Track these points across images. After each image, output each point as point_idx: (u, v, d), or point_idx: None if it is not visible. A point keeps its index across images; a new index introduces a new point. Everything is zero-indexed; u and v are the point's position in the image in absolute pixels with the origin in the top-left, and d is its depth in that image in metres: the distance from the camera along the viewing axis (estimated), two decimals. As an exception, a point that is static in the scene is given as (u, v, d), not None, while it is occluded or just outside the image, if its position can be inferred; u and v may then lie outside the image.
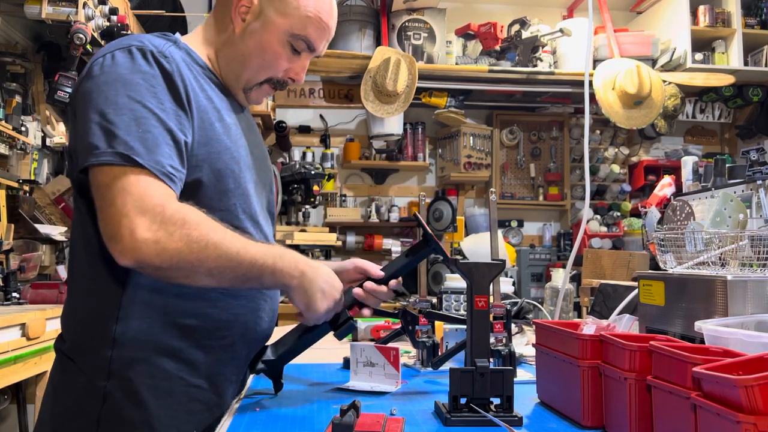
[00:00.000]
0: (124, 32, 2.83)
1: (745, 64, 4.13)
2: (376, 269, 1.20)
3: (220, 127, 1.12)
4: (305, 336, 1.18)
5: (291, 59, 1.18)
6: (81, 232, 1.09)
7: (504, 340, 1.35)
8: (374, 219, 4.30)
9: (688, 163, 1.94)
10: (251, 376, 1.30)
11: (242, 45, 1.16)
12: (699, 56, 4.06)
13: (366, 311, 1.19)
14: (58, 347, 1.13)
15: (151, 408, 1.03)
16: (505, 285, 2.30)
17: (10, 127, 2.85)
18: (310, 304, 1.09)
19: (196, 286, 1.03)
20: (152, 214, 0.95)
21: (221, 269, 1.00)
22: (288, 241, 3.80)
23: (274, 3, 1.15)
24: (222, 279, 1.01)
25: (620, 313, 1.66)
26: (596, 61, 3.98)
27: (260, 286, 1.11)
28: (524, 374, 1.42)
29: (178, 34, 1.19)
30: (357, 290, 1.18)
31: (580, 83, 2.87)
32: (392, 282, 1.20)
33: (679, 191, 2.13)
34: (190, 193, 1.07)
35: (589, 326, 1.07)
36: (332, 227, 4.27)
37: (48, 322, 2.18)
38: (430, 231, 1.18)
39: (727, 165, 1.66)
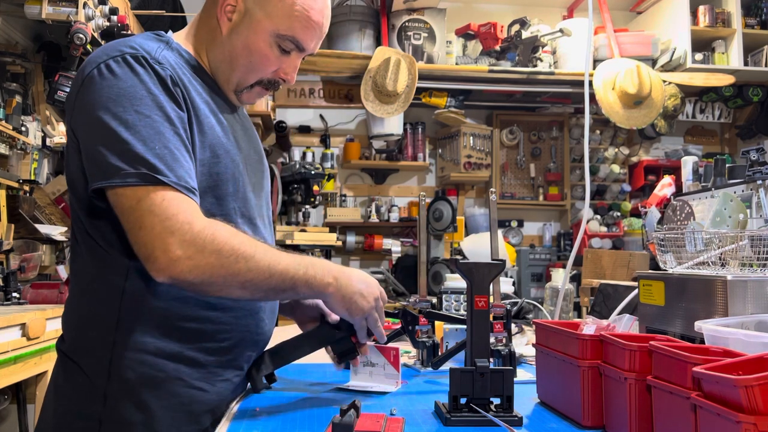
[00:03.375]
0: (124, 32, 2.83)
1: (745, 64, 4.13)
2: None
3: (219, 130, 1.11)
4: (307, 346, 1.19)
5: (280, 59, 1.14)
6: (81, 236, 1.09)
7: (504, 340, 1.35)
8: (374, 219, 4.30)
9: (688, 163, 1.94)
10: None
11: (229, 46, 1.12)
12: (699, 56, 4.06)
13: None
14: (59, 347, 1.13)
15: (152, 409, 1.03)
16: (505, 285, 2.30)
17: (10, 127, 2.85)
18: (351, 307, 1.09)
19: (232, 298, 1.05)
20: (181, 232, 0.96)
21: (254, 282, 1.01)
22: (288, 241, 3.80)
23: (259, 2, 1.10)
24: (256, 291, 1.03)
25: (620, 313, 1.66)
26: (596, 61, 3.98)
27: (297, 297, 1.13)
28: (524, 374, 1.42)
29: (170, 33, 1.16)
30: None
31: (580, 83, 2.87)
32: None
33: (679, 191, 2.13)
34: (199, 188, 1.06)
35: (589, 326, 1.07)
36: (332, 227, 4.27)
37: (48, 322, 2.17)
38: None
39: (727, 165, 1.65)
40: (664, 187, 2.54)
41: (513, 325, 1.60)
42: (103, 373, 1.03)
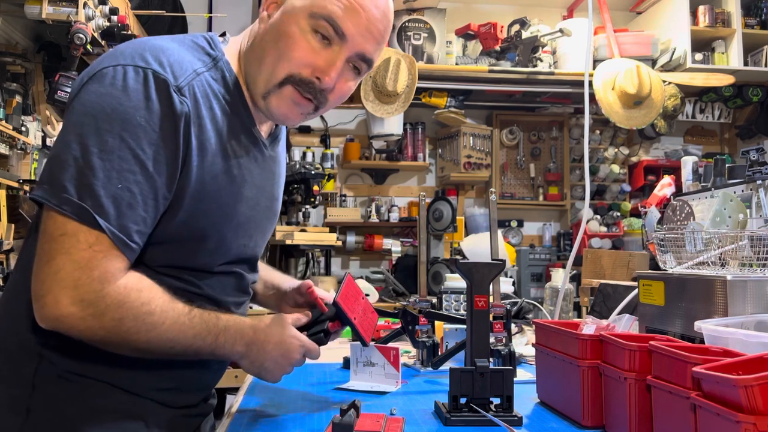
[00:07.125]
0: (124, 32, 2.83)
1: (745, 64, 4.12)
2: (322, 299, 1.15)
3: (223, 180, 1.00)
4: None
5: (316, 51, 0.99)
6: (30, 237, 1.00)
7: (504, 340, 1.35)
8: (374, 219, 4.30)
9: (687, 163, 1.94)
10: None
11: (262, 42, 1.02)
12: (699, 56, 4.06)
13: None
14: None
15: (76, 425, 0.94)
16: (505, 285, 2.29)
17: (10, 127, 2.85)
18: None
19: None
20: (87, 290, 0.87)
21: (150, 350, 0.94)
22: (288, 241, 3.80)
23: None
24: (150, 356, 0.95)
25: (620, 313, 1.66)
26: (596, 61, 3.97)
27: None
28: (524, 374, 1.42)
29: (228, 38, 1.09)
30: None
31: (580, 83, 2.87)
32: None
33: (679, 191, 2.13)
34: (167, 238, 0.97)
35: (589, 326, 1.08)
36: (332, 227, 4.27)
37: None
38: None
39: (727, 165, 1.66)
40: (664, 187, 2.54)
41: (513, 325, 1.60)
42: (27, 384, 0.95)
